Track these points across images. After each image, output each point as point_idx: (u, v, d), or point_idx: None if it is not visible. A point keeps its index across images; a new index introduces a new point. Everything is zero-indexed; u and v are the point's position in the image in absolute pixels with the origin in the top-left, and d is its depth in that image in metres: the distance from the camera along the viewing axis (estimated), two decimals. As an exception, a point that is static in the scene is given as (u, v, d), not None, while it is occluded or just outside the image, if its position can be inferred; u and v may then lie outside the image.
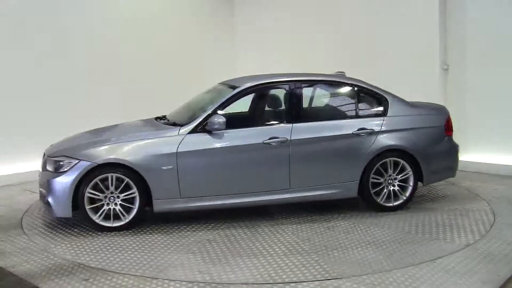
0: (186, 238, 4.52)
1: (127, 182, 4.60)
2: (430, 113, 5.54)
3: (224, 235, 4.58)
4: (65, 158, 4.66)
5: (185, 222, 4.95)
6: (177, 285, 3.50)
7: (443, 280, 3.51)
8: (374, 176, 5.09)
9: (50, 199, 4.60)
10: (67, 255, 4.11)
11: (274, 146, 4.85)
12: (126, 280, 3.58)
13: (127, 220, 4.66)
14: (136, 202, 4.65)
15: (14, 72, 7.06)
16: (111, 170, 4.57)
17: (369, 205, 5.20)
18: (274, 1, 9.61)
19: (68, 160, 4.61)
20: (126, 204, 4.65)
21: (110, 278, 3.62)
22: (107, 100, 8.03)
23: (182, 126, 4.83)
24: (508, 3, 6.78)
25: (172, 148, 4.66)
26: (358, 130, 5.07)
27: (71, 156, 4.65)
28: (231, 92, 5.03)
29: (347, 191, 5.08)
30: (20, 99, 7.10)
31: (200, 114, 4.88)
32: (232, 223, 4.91)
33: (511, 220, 4.87)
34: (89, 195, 4.56)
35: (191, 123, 4.81)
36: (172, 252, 4.16)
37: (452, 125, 5.57)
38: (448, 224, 4.77)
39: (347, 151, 5.04)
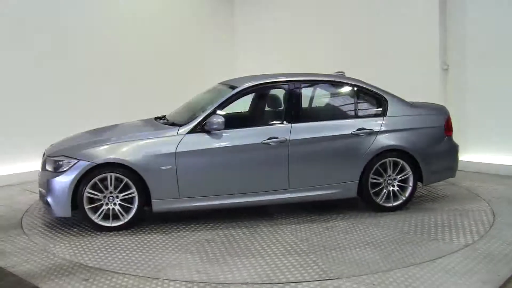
0: (185, 238, 4.52)
1: (126, 182, 4.60)
2: (430, 113, 5.52)
3: (222, 235, 4.58)
4: (64, 158, 4.66)
5: (184, 222, 4.95)
6: (176, 285, 3.50)
7: (443, 280, 3.50)
8: (374, 176, 5.09)
9: (50, 199, 4.61)
10: (67, 255, 4.11)
11: (273, 146, 4.85)
12: (126, 280, 3.58)
13: (126, 220, 4.66)
14: (135, 202, 4.65)
15: (14, 72, 7.07)
16: (110, 170, 4.58)
17: (368, 205, 5.20)
18: (274, 1, 9.61)
19: (68, 160, 4.61)
20: (125, 204, 4.65)
21: (110, 278, 3.62)
22: (107, 100, 8.03)
23: (181, 126, 4.83)
24: (508, 3, 6.78)
25: (171, 148, 4.66)
26: (357, 130, 5.07)
27: (70, 156, 4.65)
28: (231, 92, 5.03)
29: (347, 191, 5.08)
30: (20, 99, 7.11)
31: (199, 114, 4.88)
32: (231, 223, 4.91)
33: (511, 220, 4.87)
34: (88, 195, 4.56)
35: (190, 123, 4.81)
36: (171, 252, 4.16)
37: (452, 125, 5.56)
38: (448, 224, 4.76)
39: (346, 151, 5.03)
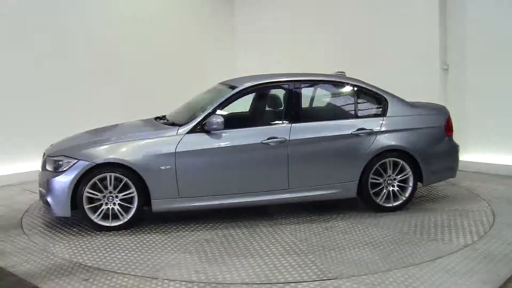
0: (184, 238, 4.51)
1: (126, 181, 4.60)
2: (430, 113, 5.51)
3: (222, 235, 4.58)
4: (64, 157, 4.66)
5: (183, 221, 4.95)
6: (176, 285, 3.49)
7: (443, 280, 3.50)
8: (374, 177, 5.08)
9: (49, 199, 4.61)
10: (66, 255, 4.11)
11: (272, 146, 4.84)
12: (126, 280, 3.58)
13: (125, 220, 4.66)
14: (135, 202, 4.65)
15: (14, 72, 7.07)
16: (110, 170, 4.58)
17: (368, 205, 5.19)
18: (274, 1, 9.61)
19: (67, 160, 4.61)
20: (124, 203, 4.65)
21: (110, 278, 3.62)
22: (107, 100, 8.03)
23: (181, 126, 4.83)
24: (508, 3, 6.78)
25: (170, 148, 4.66)
26: (357, 130, 5.06)
27: (70, 155, 4.65)
28: (230, 92, 5.03)
29: (346, 192, 5.07)
30: (20, 99, 7.11)
31: (199, 114, 4.88)
32: (230, 223, 4.91)
33: (511, 220, 4.87)
34: (87, 194, 4.56)
35: (190, 123, 4.81)
36: (169, 252, 4.16)
37: (452, 125, 5.55)
38: (447, 224, 4.76)
39: (346, 151, 5.03)
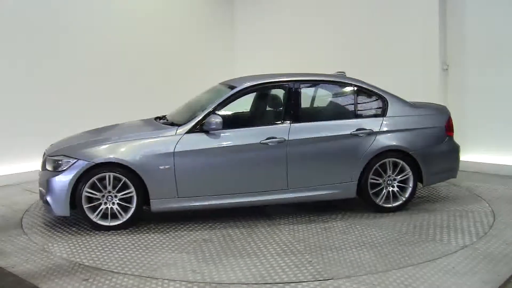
0: (182, 238, 4.51)
1: (125, 181, 4.60)
2: (431, 113, 5.50)
3: (220, 235, 4.58)
4: (63, 157, 4.67)
5: (182, 221, 4.95)
6: (176, 285, 3.49)
7: (443, 280, 3.50)
8: (373, 177, 5.07)
9: (49, 198, 4.62)
10: (65, 254, 4.11)
11: (271, 146, 4.84)
12: (126, 280, 3.58)
13: (124, 219, 4.66)
14: (134, 202, 4.65)
15: (14, 72, 7.06)
16: (109, 170, 4.58)
17: (368, 206, 5.18)
18: (274, 1, 9.61)
19: (67, 159, 4.62)
20: (123, 203, 4.66)
21: (109, 278, 3.62)
22: (107, 100, 8.03)
23: (180, 126, 4.83)
24: (508, 3, 6.78)
25: (169, 148, 4.66)
26: (356, 130, 5.05)
27: (69, 155, 4.66)
28: (229, 92, 5.02)
29: (346, 192, 5.06)
30: (20, 99, 7.10)
31: (198, 114, 4.88)
32: (229, 223, 4.91)
33: (511, 220, 4.87)
34: (87, 194, 4.56)
35: (189, 123, 4.81)
36: (167, 252, 4.16)
37: (453, 125, 5.53)
38: (446, 225, 4.74)
39: (345, 151, 5.01)
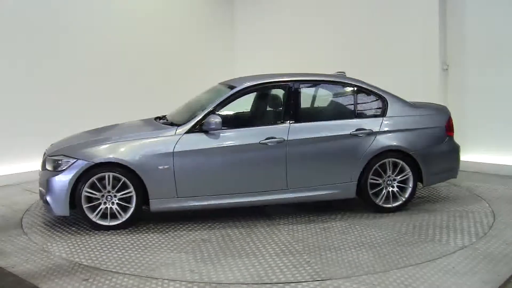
0: (181, 238, 4.51)
1: (124, 181, 4.61)
2: (431, 113, 5.49)
3: (219, 235, 4.57)
4: (63, 157, 4.67)
5: (181, 221, 4.95)
6: (176, 285, 3.49)
7: (443, 280, 3.50)
8: (373, 177, 5.06)
9: (48, 198, 4.62)
10: (64, 254, 4.12)
11: (271, 146, 4.83)
12: (126, 280, 3.58)
13: (124, 219, 4.67)
14: (133, 201, 4.66)
15: (14, 72, 7.06)
16: (108, 169, 4.58)
17: (367, 206, 5.18)
18: (274, 1, 9.61)
19: (66, 159, 4.62)
20: (123, 203, 4.66)
21: (109, 278, 3.62)
22: (107, 100, 8.03)
23: (179, 126, 4.83)
24: (508, 3, 6.78)
25: (168, 148, 4.66)
26: (356, 130, 5.05)
27: (69, 155, 4.66)
28: (229, 92, 5.02)
29: (345, 192, 5.05)
30: (20, 99, 7.10)
31: (197, 114, 4.88)
32: (228, 223, 4.90)
33: (511, 220, 4.87)
34: (86, 194, 4.57)
35: (188, 123, 4.81)
36: (166, 251, 4.16)
37: (453, 125, 5.52)
38: (446, 225, 4.74)
39: (345, 151, 5.01)
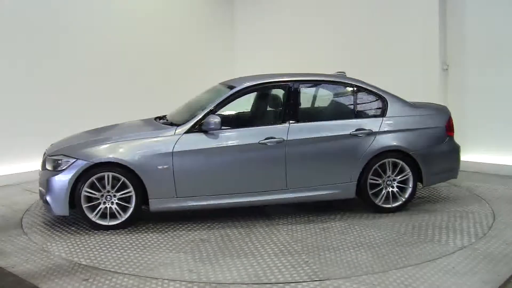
0: (180, 237, 4.51)
1: (124, 181, 4.61)
2: (431, 113, 5.48)
3: (218, 235, 4.57)
4: (63, 157, 4.68)
5: (180, 221, 4.95)
6: (176, 285, 3.49)
7: (443, 280, 3.50)
8: (373, 177, 5.06)
9: (48, 197, 4.63)
10: (64, 254, 4.12)
11: (270, 146, 4.83)
12: (126, 280, 3.58)
13: (123, 219, 4.67)
14: (132, 201, 4.66)
15: (14, 72, 7.06)
16: (108, 169, 4.59)
17: (367, 206, 5.17)
18: (274, 1, 9.61)
19: (66, 159, 4.63)
20: (122, 203, 4.66)
21: (109, 278, 3.62)
22: (107, 100, 8.03)
23: (179, 126, 4.83)
24: (508, 3, 6.78)
25: (168, 148, 4.67)
26: (356, 130, 5.05)
27: (69, 155, 4.67)
28: (228, 92, 5.02)
29: (345, 192, 5.05)
30: (20, 99, 7.10)
31: (197, 114, 4.88)
32: (227, 223, 4.90)
33: (511, 220, 4.87)
34: (86, 193, 4.57)
35: (188, 123, 4.81)
36: (164, 251, 4.17)
37: (453, 125, 5.52)
38: (446, 226, 4.73)
39: (344, 151, 5.00)
